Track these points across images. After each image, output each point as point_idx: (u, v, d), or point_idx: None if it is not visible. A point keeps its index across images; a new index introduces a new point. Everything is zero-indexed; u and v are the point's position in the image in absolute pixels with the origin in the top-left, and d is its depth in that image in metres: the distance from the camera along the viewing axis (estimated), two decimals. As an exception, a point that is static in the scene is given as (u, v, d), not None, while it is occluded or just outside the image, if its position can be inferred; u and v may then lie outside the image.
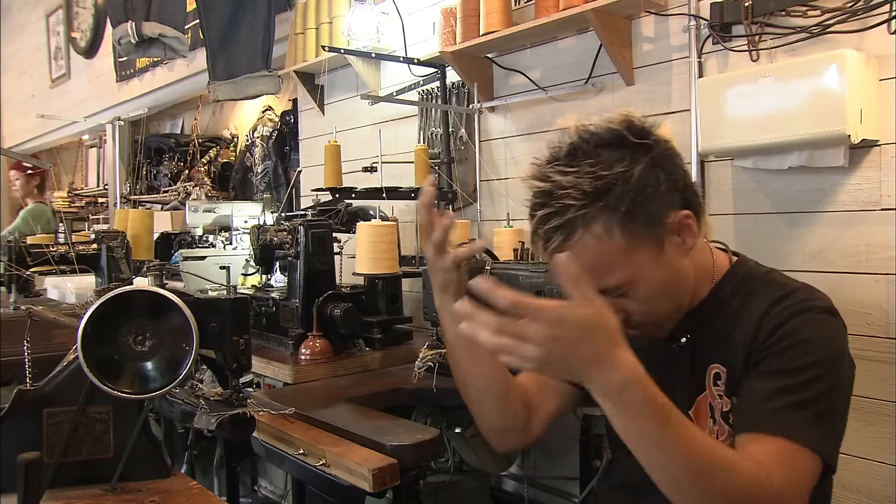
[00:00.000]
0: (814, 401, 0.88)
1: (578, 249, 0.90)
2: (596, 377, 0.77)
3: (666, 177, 0.93)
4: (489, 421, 1.14)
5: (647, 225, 0.92)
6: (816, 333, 0.93)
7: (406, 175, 2.58)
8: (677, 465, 0.79)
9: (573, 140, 0.93)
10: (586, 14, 1.97)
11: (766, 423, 0.88)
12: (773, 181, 1.77)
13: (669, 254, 0.95)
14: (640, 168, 0.91)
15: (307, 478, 1.57)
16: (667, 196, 0.94)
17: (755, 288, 1.01)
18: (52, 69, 5.94)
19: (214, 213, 3.45)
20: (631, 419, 0.79)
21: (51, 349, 1.34)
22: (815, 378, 0.89)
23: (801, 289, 0.99)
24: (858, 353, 1.56)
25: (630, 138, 0.92)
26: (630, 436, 0.80)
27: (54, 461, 1.14)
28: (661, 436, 0.78)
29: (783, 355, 0.92)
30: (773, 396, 0.89)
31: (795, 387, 0.89)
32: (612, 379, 0.77)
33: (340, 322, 2.05)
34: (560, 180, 0.90)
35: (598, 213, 0.90)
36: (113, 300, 1.06)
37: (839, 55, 1.51)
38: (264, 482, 2.53)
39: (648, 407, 0.78)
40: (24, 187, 5.04)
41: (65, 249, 2.34)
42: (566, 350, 0.76)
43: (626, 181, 0.90)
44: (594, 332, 0.77)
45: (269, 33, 3.06)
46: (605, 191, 0.90)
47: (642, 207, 0.91)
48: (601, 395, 0.79)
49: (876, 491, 1.61)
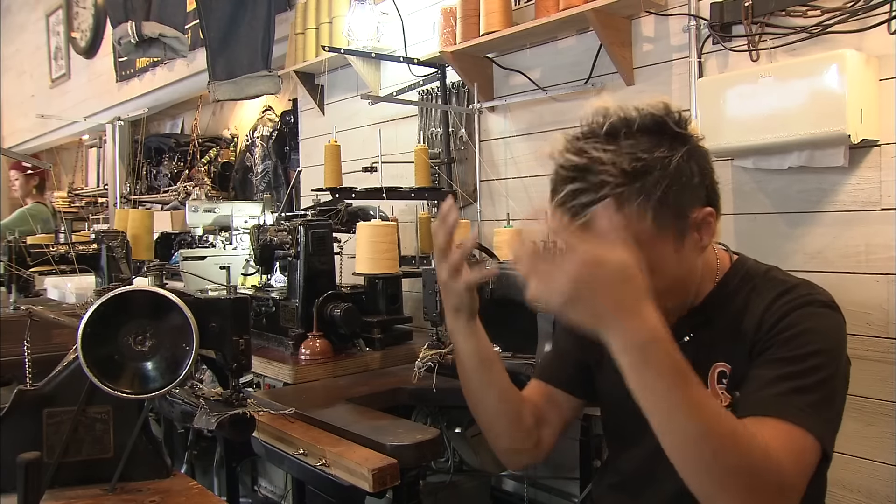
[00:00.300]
0: (814, 387, 0.88)
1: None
2: (621, 326, 0.76)
3: (699, 170, 0.95)
4: (503, 442, 1.15)
5: (675, 216, 0.93)
6: (817, 324, 0.93)
7: (406, 175, 2.58)
8: (689, 427, 0.77)
9: (613, 119, 0.93)
10: (586, 14, 1.97)
11: (767, 406, 0.87)
12: (773, 181, 1.77)
13: (688, 250, 0.96)
14: (678, 157, 0.92)
15: (307, 478, 1.57)
16: (697, 190, 0.95)
17: (757, 285, 1.02)
18: (52, 69, 5.94)
19: (214, 213, 3.45)
20: (649, 375, 0.77)
21: (51, 349, 1.34)
22: (816, 367, 0.89)
23: (801, 284, 1.00)
24: (858, 353, 1.57)
25: (671, 126, 0.93)
26: (646, 393, 0.78)
27: (54, 461, 1.14)
28: (677, 396, 0.77)
29: (785, 345, 0.92)
30: (774, 383, 0.89)
31: (796, 374, 0.89)
32: (638, 331, 0.76)
33: (340, 322, 2.05)
34: (598, 156, 0.90)
35: (634, 194, 0.90)
36: (113, 300, 1.06)
37: (839, 55, 1.51)
38: (264, 482, 2.53)
39: (668, 365, 0.77)
40: (23, 187, 5.04)
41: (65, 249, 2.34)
42: (598, 291, 0.75)
43: (665, 167, 0.91)
44: (628, 280, 0.76)
45: (269, 33, 3.06)
46: (643, 173, 0.90)
47: (675, 197, 0.92)
48: (622, 347, 0.77)
49: (876, 491, 1.61)
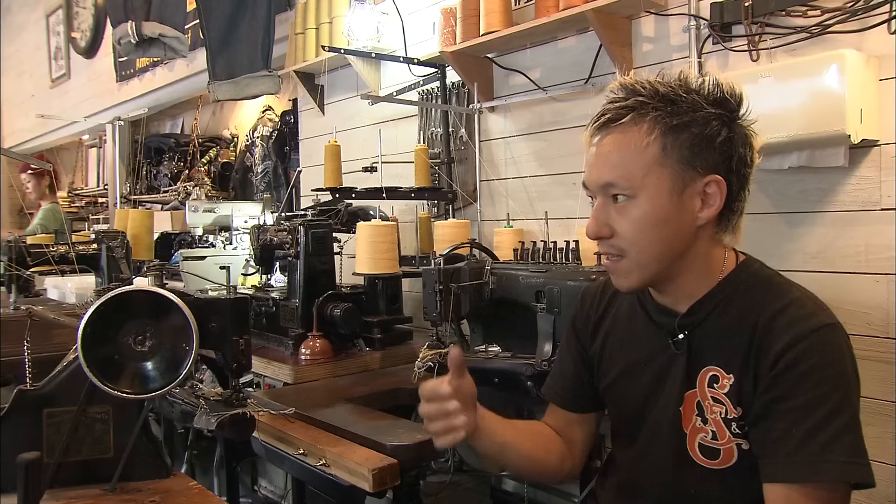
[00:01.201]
0: (842, 432, 0.88)
1: (616, 133, 0.97)
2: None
3: (727, 137, 0.97)
4: (538, 477, 1.27)
5: (683, 159, 0.95)
6: (826, 357, 0.92)
7: (406, 175, 2.58)
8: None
9: (674, 76, 0.99)
10: (586, 14, 1.97)
11: (807, 472, 0.88)
12: (773, 181, 1.77)
13: (682, 204, 0.96)
14: (713, 112, 0.96)
15: (307, 478, 1.57)
16: (715, 153, 0.96)
17: (756, 293, 1.00)
18: (52, 69, 5.94)
19: (214, 213, 3.45)
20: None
21: (51, 349, 1.34)
22: (837, 408, 0.89)
23: (801, 298, 0.98)
24: (858, 353, 1.54)
25: (726, 96, 0.98)
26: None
27: (54, 461, 1.14)
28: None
29: (798, 387, 0.91)
30: (804, 442, 0.88)
31: (821, 423, 0.88)
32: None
33: (340, 322, 2.05)
34: (644, 80, 0.98)
35: (654, 111, 0.96)
36: (113, 300, 1.06)
37: (839, 55, 1.51)
38: (264, 482, 2.53)
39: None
40: (36, 189, 5.04)
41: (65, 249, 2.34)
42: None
43: (695, 109, 0.96)
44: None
45: (270, 33, 3.06)
46: (672, 101, 0.96)
47: (690, 138, 0.95)
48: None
49: (876, 491, 1.60)
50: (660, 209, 0.96)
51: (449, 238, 2.24)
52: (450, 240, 2.18)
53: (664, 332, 1.06)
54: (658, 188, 0.95)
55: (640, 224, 0.97)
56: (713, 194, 0.97)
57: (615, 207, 0.98)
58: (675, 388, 1.03)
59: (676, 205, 0.96)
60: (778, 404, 0.92)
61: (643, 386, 1.08)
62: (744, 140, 0.99)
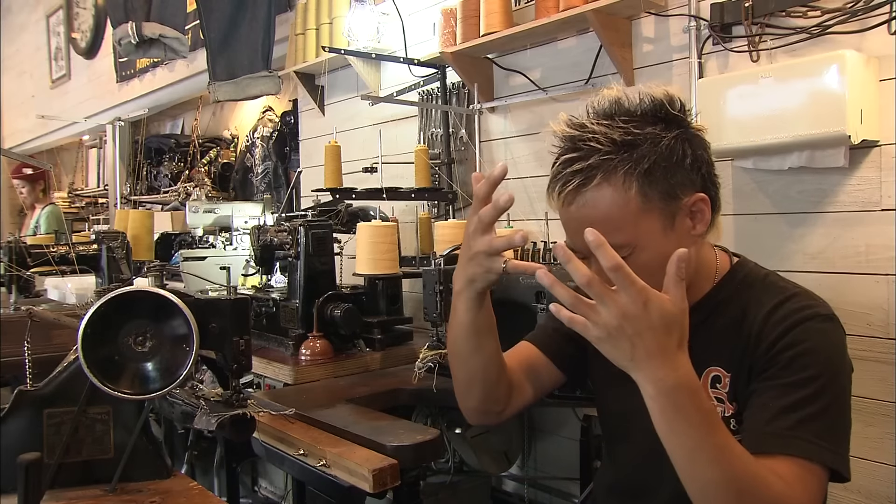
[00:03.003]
0: (821, 414, 0.88)
1: (593, 197, 0.93)
2: (653, 371, 0.78)
3: (692, 154, 0.95)
4: (472, 403, 1.13)
5: (664, 194, 0.94)
6: (818, 343, 0.93)
7: (406, 175, 2.58)
8: (712, 472, 0.79)
9: (611, 99, 0.97)
10: (586, 15, 1.97)
11: (778, 444, 0.88)
12: (773, 182, 1.77)
13: (678, 234, 0.96)
14: (671, 136, 0.94)
15: (307, 478, 1.57)
16: (688, 173, 0.95)
17: (755, 291, 1.01)
18: (52, 70, 5.94)
19: (215, 213, 3.46)
20: (677, 421, 0.79)
21: (51, 350, 1.34)
22: (821, 390, 0.89)
23: (799, 294, 0.99)
24: (858, 354, 1.57)
25: (669, 110, 0.95)
26: (671, 438, 0.81)
27: (54, 462, 1.14)
28: (702, 443, 0.79)
29: (787, 368, 0.92)
30: (781, 414, 0.89)
31: (802, 401, 0.89)
32: (669, 378, 0.78)
33: (341, 322, 2.05)
34: (592, 127, 0.94)
35: (621, 163, 0.92)
36: (113, 301, 1.06)
37: (839, 56, 1.51)
38: (264, 483, 2.54)
39: (696, 412, 0.79)
40: (31, 193, 5.04)
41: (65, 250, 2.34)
42: (641, 332, 0.77)
43: (655, 143, 0.93)
44: (671, 327, 0.78)
45: (270, 34, 3.06)
46: (632, 144, 0.92)
47: (663, 174, 0.93)
48: (652, 392, 0.79)
49: (876, 491, 1.61)
50: (660, 249, 0.95)
51: (449, 238, 2.24)
52: (450, 240, 2.18)
53: None
54: (651, 232, 0.94)
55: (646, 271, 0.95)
56: (700, 210, 0.97)
57: None
58: None
59: (672, 237, 0.95)
60: (764, 382, 0.93)
61: None
62: (702, 144, 0.99)
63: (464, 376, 1.11)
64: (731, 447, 0.80)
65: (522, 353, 1.21)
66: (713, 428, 0.79)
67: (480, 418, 1.17)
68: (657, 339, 0.77)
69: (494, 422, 1.17)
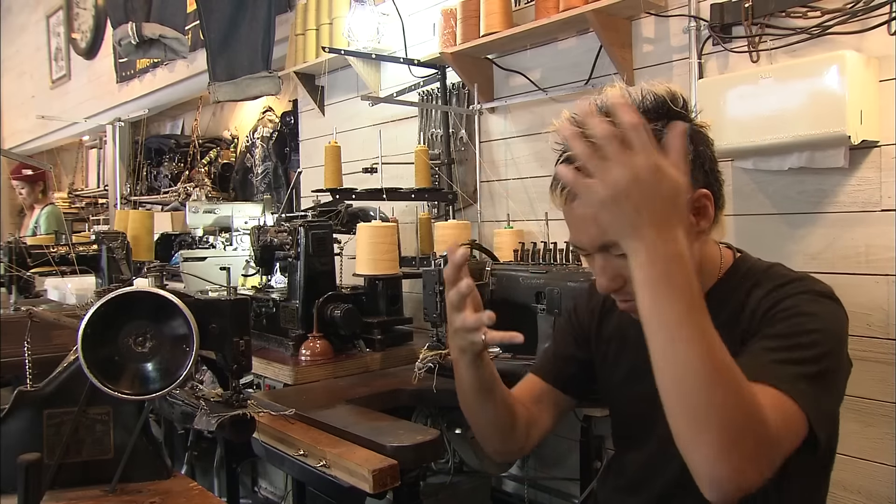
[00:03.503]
0: (806, 361, 0.87)
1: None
2: (650, 239, 0.76)
3: (694, 150, 0.95)
4: (494, 446, 1.17)
5: None
6: (815, 310, 0.92)
7: (406, 176, 2.58)
8: (691, 352, 0.75)
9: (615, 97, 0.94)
10: (586, 15, 1.97)
11: (759, 372, 0.85)
12: (773, 182, 1.77)
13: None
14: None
15: (307, 479, 1.57)
16: (691, 170, 0.94)
17: (758, 281, 1.01)
18: (52, 70, 5.94)
19: (215, 213, 3.46)
20: (664, 292, 0.76)
21: (51, 350, 1.34)
22: (814, 342, 0.88)
23: (804, 278, 1.00)
24: (858, 354, 1.57)
25: (671, 106, 0.95)
26: (654, 311, 0.77)
27: (54, 462, 1.14)
28: (684, 319, 0.76)
29: (781, 322, 0.91)
30: (766, 352, 0.88)
31: (790, 347, 0.88)
32: (667, 246, 0.76)
33: (341, 323, 2.05)
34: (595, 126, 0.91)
35: None
36: (113, 301, 1.06)
37: (839, 56, 1.51)
38: (264, 483, 2.54)
39: (684, 288, 0.76)
40: (30, 195, 5.04)
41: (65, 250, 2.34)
42: (648, 197, 0.75)
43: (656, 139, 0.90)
44: (677, 200, 0.76)
45: (270, 34, 3.06)
46: None
47: None
48: (644, 261, 0.76)
49: (876, 492, 1.61)
50: None
51: (449, 239, 2.24)
52: (450, 241, 2.19)
53: None
54: None
55: None
56: (703, 206, 0.97)
57: (618, 258, 0.96)
58: None
59: None
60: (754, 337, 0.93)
61: (651, 386, 1.08)
62: (705, 141, 0.99)
63: (478, 425, 1.15)
64: (712, 333, 0.77)
65: (529, 387, 1.23)
66: (698, 308, 0.76)
67: (506, 458, 1.22)
68: (663, 208, 0.75)
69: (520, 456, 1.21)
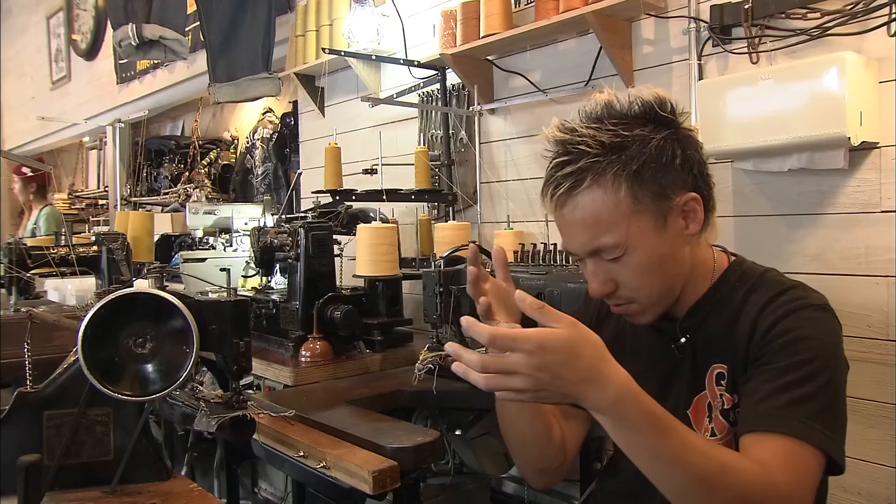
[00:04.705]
0: (813, 396, 0.88)
1: (584, 199, 0.94)
2: (590, 395, 0.78)
3: (682, 154, 0.96)
4: (531, 463, 1.15)
5: (655, 195, 0.94)
6: (812, 330, 0.93)
7: (406, 177, 2.58)
8: (679, 474, 0.80)
9: (602, 102, 0.97)
10: (586, 16, 1.97)
11: (767, 422, 0.88)
12: (773, 183, 1.77)
13: (671, 233, 0.96)
14: (660, 137, 0.95)
15: (307, 480, 1.57)
16: (679, 174, 0.96)
17: (753, 286, 1.02)
18: (52, 71, 5.95)
19: (215, 215, 3.46)
20: (629, 433, 0.79)
21: (51, 351, 1.34)
22: (813, 373, 0.90)
23: (797, 286, 1.00)
24: (858, 355, 1.57)
25: (658, 111, 0.96)
26: (630, 449, 0.81)
27: (54, 463, 1.14)
28: (660, 447, 0.79)
29: (780, 352, 0.93)
30: (772, 395, 0.90)
31: (794, 383, 0.89)
32: (606, 395, 0.77)
33: (341, 324, 2.05)
34: (581, 130, 0.95)
35: (610, 165, 0.93)
36: (113, 302, 1.06)
37: (839, 57, 1.51)
38: (264, 484, 2.53)
39: (644, 419, 0.79)
40: (21, 192, 5.04)
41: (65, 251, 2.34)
42: (554, 375, 0.76)
43: (643, 144, 0.94)
44: (578, 350, 0.77)
45: (270, 35, 3.06)
46: (620, 147, 0.93)
47: (653, 174, 0.94)
48: (596, 412, 0.79)
49: (876, 493, 1.61)
50: (653, 250, 0.96)
51: (449, 240, 2.24)
52: (450, 242, 2.19)
53: (666, 337, 1.07)
54: (643, 232, 0.95)
55: (640, 270, 0.97)
56: (693, 210, 0.97)
57: (609, 262, 0.97)
58: (682, 391, 1.04)
59: (665, 237, 0.96)
60: (758, 368, 0.94)
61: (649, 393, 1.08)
62: (694, 145, 0.99)
63: (517, 441, 1.13)
64: (689, 444, 0.80)
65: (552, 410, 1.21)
66: (665, 430, 0.79)
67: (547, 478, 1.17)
68: (574, 371, 0.76)
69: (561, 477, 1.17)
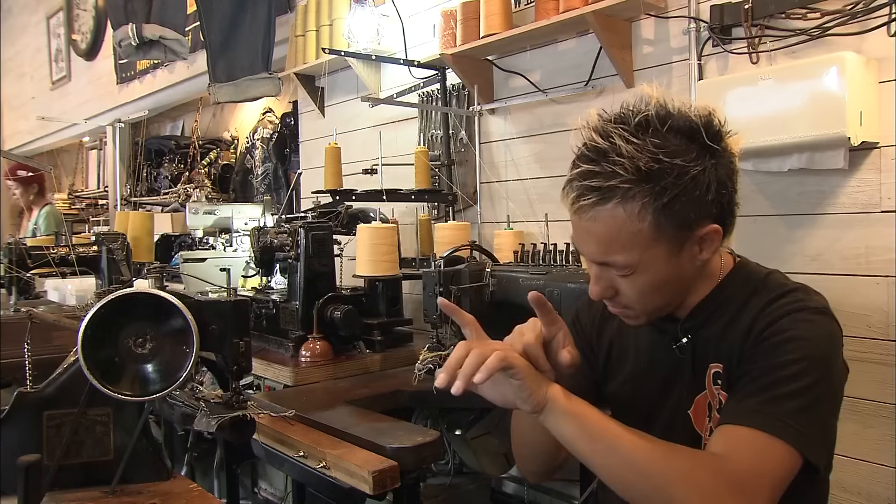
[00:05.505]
0: (795, 395, 0.88)
1: (605, 217, 0.92)
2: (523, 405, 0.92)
3: (717, 189, 0.93)
4: (533, 468, 1.19)
5: (678, 226, 0.92)
6: (806, 331, 0.93)
7: (406, 177, 2.58)
8: (611, 463, 0.88)
9: (649, 112, 0.93)
10: (586, 16, 1.97)
11: (741, 417, 0.89)
12: (773, 183, 1.77)
13: (682, 259, 0.96)
14: (699, 170, 0.91)
15: (307, 480, 1.57)
16: (708, 207, 0.93)
17: (756, 289, 1.01)
18: (52, 71, 5.94)
19: (215, 215, 3.46)
20: (559, 434, 0.91)
21: (51, 351, 1.34)
22: (799, 373, 0.89)
23: (798, 289, 0.99)
24: (858, 356, 1.57)
25: (704, 137, 0.92)
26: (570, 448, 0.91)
27: (54, 463, 1.14)
28: (585, 444, 0.89)
29: (771, 351, 0.92)
30: (755, 392, 0.90)
31: (778, 381, 0.89)
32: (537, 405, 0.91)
33: (341, 324, 2.05)
34: (620, 145, 0.90)
35: (640, 194, 0.90)
36: (113, 302, 1.06)
37: (839, 57, 1.51)
38: (264, 484, 2.53)
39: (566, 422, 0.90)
40: (23, 196, 5.04)
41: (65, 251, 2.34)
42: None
43: (680, 176, 0.90)
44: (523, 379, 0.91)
45: (270, 35, 3.06)
46: (657, 175, 0.89)
47: (681, 207, 0.91)
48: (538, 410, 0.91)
49: (876, 493, 1.61)
50: (661, 274, 0.95)
51: (449, 240, 2.24)
52: (450, 242, 2.18)
53: (667, 337, 1.07)
54: (655, 259, 0.94)
55: (644, 290, 0.97)
56: (710, 239, 0.96)
57: (613, 276, 0.97)
58: (683, 391, 1.04)
59: (675, 262, 0.95)
60: (749, 364, 0.94)
61: (651, 392, 1.08)
62: (730, 174, 0.96)
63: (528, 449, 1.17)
64: (611, 436, 0.88)
65: None
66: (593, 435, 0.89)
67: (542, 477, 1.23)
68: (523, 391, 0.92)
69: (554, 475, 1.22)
